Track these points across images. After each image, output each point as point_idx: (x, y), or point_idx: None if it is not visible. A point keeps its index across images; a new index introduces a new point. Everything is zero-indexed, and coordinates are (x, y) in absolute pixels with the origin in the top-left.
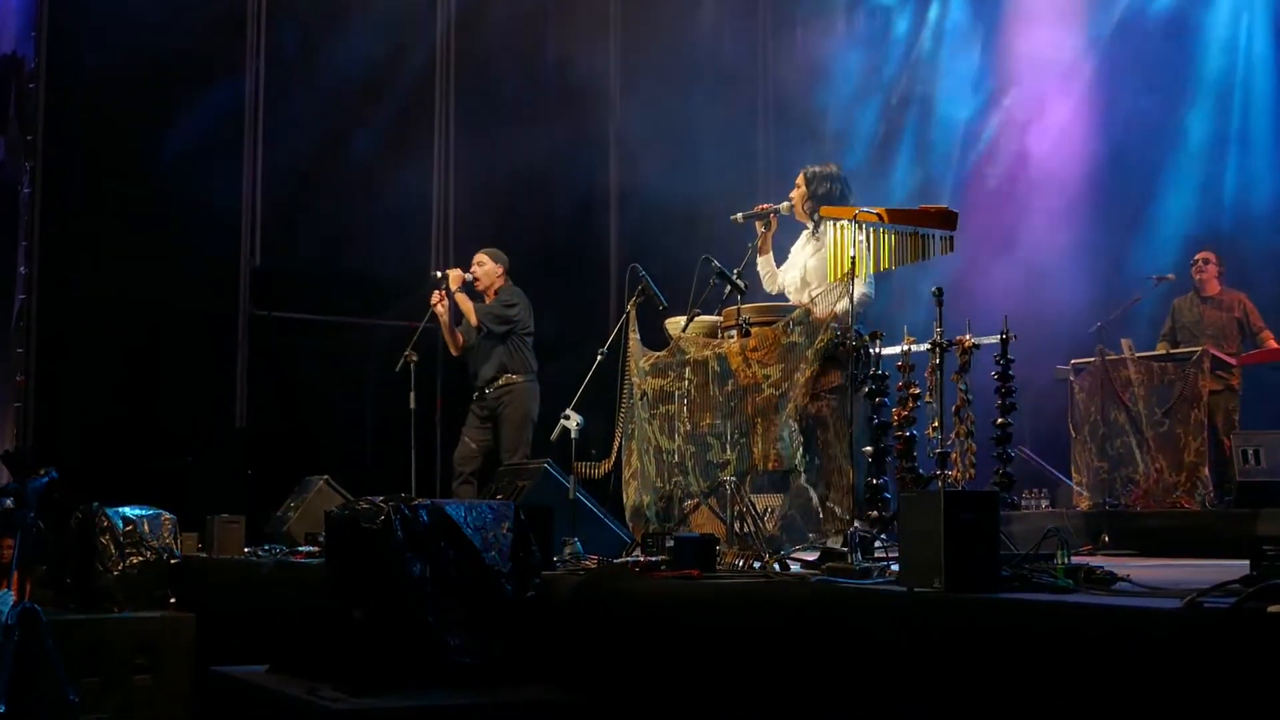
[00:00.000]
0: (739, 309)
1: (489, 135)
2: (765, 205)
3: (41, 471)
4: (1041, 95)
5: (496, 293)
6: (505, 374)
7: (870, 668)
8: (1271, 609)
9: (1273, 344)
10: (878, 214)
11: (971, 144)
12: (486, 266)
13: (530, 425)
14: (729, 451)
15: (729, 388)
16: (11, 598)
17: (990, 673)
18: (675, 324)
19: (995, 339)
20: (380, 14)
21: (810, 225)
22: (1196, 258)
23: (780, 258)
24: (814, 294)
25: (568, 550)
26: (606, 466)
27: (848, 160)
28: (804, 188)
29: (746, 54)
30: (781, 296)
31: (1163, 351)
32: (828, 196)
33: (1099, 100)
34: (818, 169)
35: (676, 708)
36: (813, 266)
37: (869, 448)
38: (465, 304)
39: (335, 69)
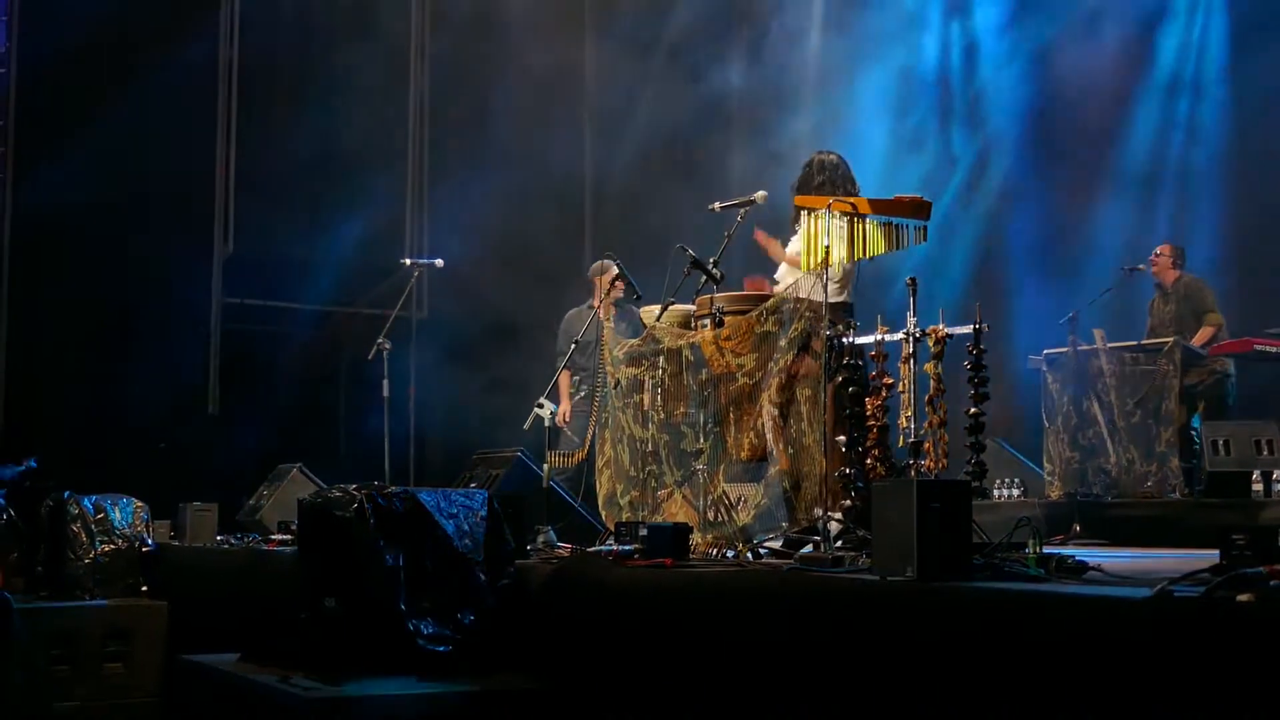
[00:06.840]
0: (713, 298)
1: (462, 124)
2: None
3: (21, 462)
4: None
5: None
6: None
7: (842, 656)
8: (1240, 598)
9: (1209, 332)
10: (852, 204)
11: None
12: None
13: None
14: (703, 440)
15: (703, 377)
16: None
17: (962, 660)
18: (650, 313)
19: (968, 328)
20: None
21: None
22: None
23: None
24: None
25: (541, 539)
26: (580, 455)
27: None
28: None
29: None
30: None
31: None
32: (820, 186)
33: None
34: (823, 157)
35: (649, 696)
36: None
37: (842, 436)
38: None
39: (310, 57)
